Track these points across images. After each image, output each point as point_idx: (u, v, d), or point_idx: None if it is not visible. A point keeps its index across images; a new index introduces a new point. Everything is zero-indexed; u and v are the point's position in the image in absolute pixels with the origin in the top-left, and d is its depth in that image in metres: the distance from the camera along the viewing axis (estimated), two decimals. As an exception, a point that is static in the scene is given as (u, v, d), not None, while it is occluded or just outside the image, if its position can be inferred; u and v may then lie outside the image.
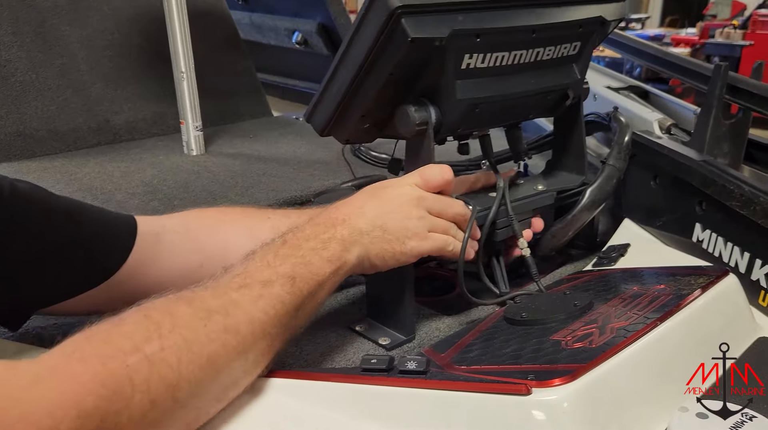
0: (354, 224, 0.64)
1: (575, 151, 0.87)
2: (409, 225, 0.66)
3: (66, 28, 1.61)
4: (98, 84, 1.63)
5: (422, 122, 0.69)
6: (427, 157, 0.70)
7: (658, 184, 0.90)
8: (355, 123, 0.73)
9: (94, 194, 1.21)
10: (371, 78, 0.68)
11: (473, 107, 0.70)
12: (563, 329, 0.63)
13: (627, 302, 0.67)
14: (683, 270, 0.76)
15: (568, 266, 0.93)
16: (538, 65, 0.75)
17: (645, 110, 0.98)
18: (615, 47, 1.08)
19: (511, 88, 0.74)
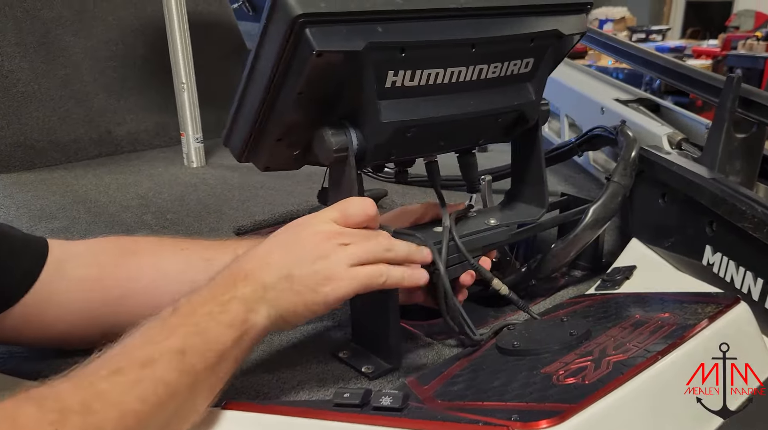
0: (258, 279, 0.55)
1: (534, 181, 0.78)
2: (321, 267, 0.56)
3: (70, 39, 1.60)
4: (101, 95, 1.62)
5: (341, 148, 0.61)
6: (349, 187, 0.62)
7: (667, 202, 0.85)
8: (273, 147, 0.65)
9: (87, 207, 1.18)
10: (281, 98, 0.60)
11: (402, 131, 0.62)
12: (556, 362, 0.58)
13: (627, 331, 0.62)
14: (691, 297, 0.71)
15: (571, 289, 0.88)
16: (483, 84, 0.65)
17: (654, 124, 0.93)
18: (623, 58, 1.03)
19: (448, 110, 0.65)
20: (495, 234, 0.75)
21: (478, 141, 0.75)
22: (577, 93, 1.13)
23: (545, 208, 0.77)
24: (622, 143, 0.90)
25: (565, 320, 0.68)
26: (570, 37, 0.70)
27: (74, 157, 1.54)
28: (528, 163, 0.79)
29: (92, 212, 1.16)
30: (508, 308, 0.84)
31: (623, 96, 1.06)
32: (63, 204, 1.20)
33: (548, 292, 0.87)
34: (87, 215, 1.14)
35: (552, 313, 0.75)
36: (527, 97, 0.71)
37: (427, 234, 0.69)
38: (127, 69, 1.67)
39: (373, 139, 0.62)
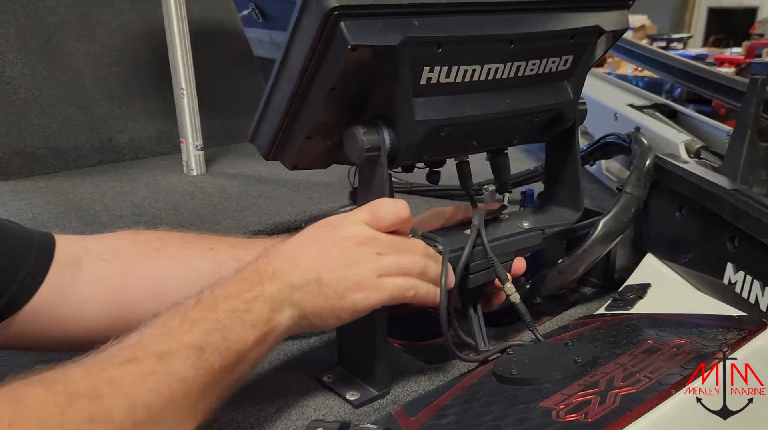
0: (285, 278, 0.53)
1: (569, 183, 0.75)
2: (351, 274, 0.54)
3: (73, 45, 1.57)
4: (103, 101, 1.59)
5: (373, 147, 0.58)
6: (380, 188, 0.59)
7: (684, 215, 0.79)
8: (301, 145, 0.62)
9: (79, 215, 1.15)
10: (312, 93, 0.57)
11: (436, 131, 0.59)
12: (557, 394, 0.52)
13: (639, 359, 0.56)
14: (710, 320, 0.65)
15: (580, 308, 0.82)
16: (520, 82, 0.63)
17: (670, 131, 0.87)
18: (641, 62, 0.97)
19: (485, 109, 0.62)
20: (528, 238, 0.72)
21: (512, 141, 0.71)
22: (589, 98, 1.06)
23: (581, 211, 0.74)
24: (635, 151, 0.84)
25: (569, 344, 0.62)
26: (611, 34, 0.67)
27: (74, 164, 1.51)
28: (563, 164, 0.75)
29: (84, 221, 1.12)
30: (510, 327, 0.78)
31: (638, 102, 1.00)
32: (56, 213, 1.16)
33: (556, 310, 0.81)
34: (78, 224, 1.10)
35: (557, 335, 0.69)
36: (565, 96, 0.68)
37: (455, 237, 0.67)
38: (130, 75, 1.64)
39: (406, 139, 0.59)
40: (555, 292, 0.79)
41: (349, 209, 1.03)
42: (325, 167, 0.70)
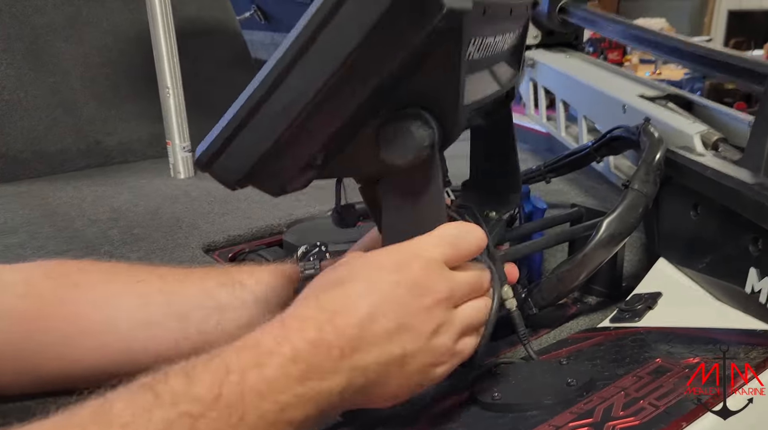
0: (358, 360, 0.40)
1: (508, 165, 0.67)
2: (439, 345, 0.43)
3: (61, 45, 1.52)
4: (91, 103, 1.53)
5: (430, 143, 0.44)
6: (437, 200, 0.47)
7: (700, 214, 0.70)
8: (306, 162, 0.46)
9: (53, 221, 1.09)
10: (352, 84, 0.42)
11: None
12: (544, 424, 0.44)
13: (644, 382, 0.47)
14: (731, 336, 0.55)
15: (582, 319, 0.73)
16: (506, 54, 0.56)
17: (684, 122, 0.77)
18: (649, 48, 0.89)
19: (496, 85, 0.55)
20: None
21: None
22: (594, 90, 0.98)
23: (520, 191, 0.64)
24: (644, 144, 0.75)
25: (564, 362, 0.53)
26: None
27: (60, 168, 1.45)
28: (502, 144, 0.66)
29: (56, 227, 1.06)
30: (503, 341, 0.69)
31: (650, 92, 0.91)
32: (29, 218, 1.10)
33: (555, 323, 0.73)
34: (50, 230, 1.04)
35: (553, 351, 0.60)
36: None
37: None
38: (121, 76, 1.59)
39: (451, 130, 0.46)
40: (554, 301, 0.70)
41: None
42: (303, 187, 0.50)
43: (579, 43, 1.28)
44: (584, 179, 1.12)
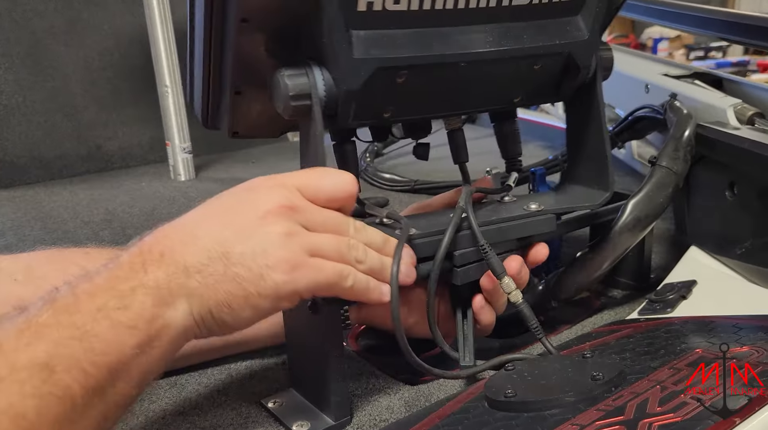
0: (178, 258, 0.39)
1: (592, 157, 0.59)
2: (272, 247, 0.40)
3: (61, 49, 1.48)
4: (92, 107, 1.49)
5: (300, 93, 0.44)
6: (314, 150, 0.45)
7: (738, 194, 0.62)
8: (233, 104, 0.50)
9: (44, 223, 1.04)
10: (226, 29, 0.45)
11: (388, 76, 0.45)
12: (566, 424, 0.37)
13: (683, 375, 0.40)
14: (781, 321, 0.48)
15: (607, 313, 0.66)
16: (507, 13, 0.48)
17: (715, 96, 0.71)
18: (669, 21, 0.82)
19: (453, 48, 0.47)
20: (535, 223, 0.55)
21: (511, 99, 0.56)
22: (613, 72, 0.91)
23: (609, 191, 0.57)
24: (671, 121, 0.68)
25: (588, 356, 0.46)
26: None
27: (59, 174, 1.41)
28: (584, 133, 0.59)
29: (46, 229, 1.01)
30: (519, 339, 0.62)
31: (674, 71, 0.84)
32: (20, 221, 1.06)
33: (576, 318, 0.65)
34: (40, 232, 1.00)
35: (575, 346, 0.53)
36: (576, 34, 0.52)
37: (438, 221, 0.52)
38: (122, 80, 1.54)
39: (344, 84, 0.45)
40: (575, 294, 0.63)
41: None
42: (276, 135, 0.58)
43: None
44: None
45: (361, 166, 1.23)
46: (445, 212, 0.55)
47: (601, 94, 0.58)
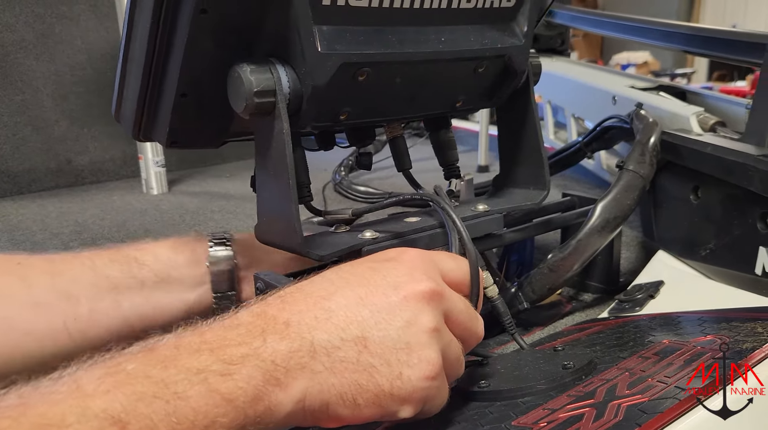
0: (304, 334, 0.34)
1: (529, 159, 0.60)
2: (416, 343, 0.35)
3: (31, 63, 1.47)
4: (62, 122, 1.47)
5: (264, 90, 0.42)
6: (279, 152, 0.44)
7: (701, 197, 0.64)
8: (176, 109, 0.46)
9: (11, 235, 1.02)
10: (177, 25, 0.43)
11: (350, 73, 0.45)
12: (538, 408, 0.37)
13: (651, 362, 0.41)
14: (743, 313, 0.49)
15: (578, 315, 0.67)
16: (455, 16, 0.49)
17: (679, 105, 0.73)
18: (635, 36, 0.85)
19: (413, 46, 0.48)
20: (485, 223, 0.56)
21: (454, 103, 0.56)
22: (581, 85, 0.94)
23: (547, 189, 0.58)
24: (637, 128, 0.70)
25: (559, 349, 0.47)
26: None
27: (27, 188, 1.39)
28: (520, 136, 0.60)
29: (14, 241, 0.99)
30: (493, 341, 0.63)
31: (640, 84, 0.86)
32: (-13, 233, 1.03)
33: (548, 320, 0.66)
34: (8, 244, 0.98)
35: (547, 343, 0.54)
36: (513, 39, 0.54)
37: (393, 226, 0.52)
38: (94, 95, 1.53)
39: (310, 79, 0.44)
40: (546, 294, 0.64)
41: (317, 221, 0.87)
42: (216, 146, 0.54)
43: (565, 48, 1.24)
44: (567, 181, 1.07)
45: (336, 179, 1.24)
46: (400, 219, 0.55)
47: (533, 99, 0.60)
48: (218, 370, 0.31)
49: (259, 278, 0.48)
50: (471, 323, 0.40)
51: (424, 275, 0.37)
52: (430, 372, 0.35)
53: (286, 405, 0.33)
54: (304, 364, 0.33)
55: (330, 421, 0.35)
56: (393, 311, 0.35)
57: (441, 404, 0.38)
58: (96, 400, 0.28)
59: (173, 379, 0.30)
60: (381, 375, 0.34)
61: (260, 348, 0.32)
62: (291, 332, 0.34)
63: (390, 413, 0.36)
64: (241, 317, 0.35)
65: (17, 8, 1.46)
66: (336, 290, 0.36)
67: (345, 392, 0.34)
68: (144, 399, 0.29)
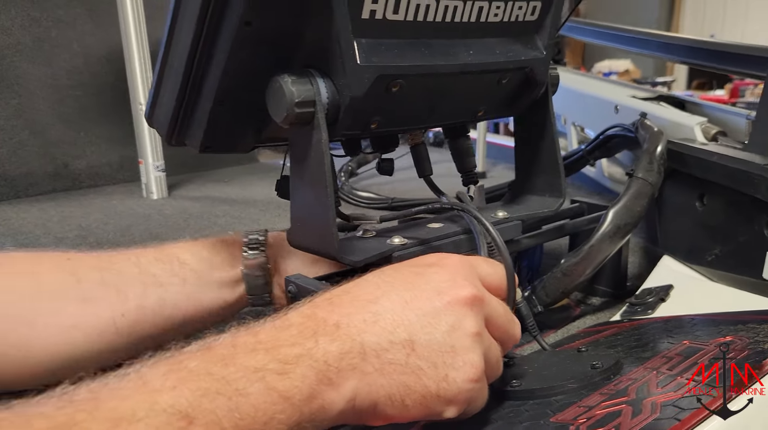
0: (354, 336, 0.35)
1: (546, 167, 0.62)
2: (461, 347, 0.37)
3: (27, 66, 1.46)
4: (59, 125, 1.47)
5: (305, 100, 0.44)
6: (317, 161, 0.45)
7: (707, 204, 0.67)
8: (212, 115, 0.48)
9: (16, 239, 1.01)
10: (220, 35, 0.44)
11: (384, 85, 0.47)
12: (573, 405, 0.39)
13: (675, 362, 0.43)
14: (758, 316, 0.52)
15: (589, 318, 0.69)
16: (482, 30, 0.51)
17: (683, 115, 0.76)
18: (638, 48, 0.88)
19: (442, 59, 0.49)
20: (506, 229, 0.58)
21: (476, 113, 0.58)
22: (583, 95, 0.96)
23: (563, 197, 0.60)
24: (643, 138, 0.73)
25: (583, 350, 0.48)
26: None
27: (25, 192, 1.38)
28: (537, 144, 0.62)
29: (19, 243, 0.99)
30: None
31: (641, 94, 0.89)
32: (-10, 237, 1.03)
33: (560, 323, 0.68)
34: (11, 247, 0.97)
35: (566, 345, 0.55)
36: (535, 52, 0.56)
37: (417, 231, 0.54)
38: (91, 99, 1.53)
39: (348, 90, 0.45)
40: (559, 298, 0.66)
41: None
42: (247, 151, 0.56)
43: (561, 57, 1.27)
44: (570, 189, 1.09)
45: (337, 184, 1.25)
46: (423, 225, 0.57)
47: (552, 109, 0.62)
48: (275, 369, 0.32)
49: (290, 282, 0.50)
50: (509, 326, 0.41)
51: (466, 281, 0.39)
52: (474, 375, 0.37)
53: (338, 404, 0.34)
54: (354, 365, 0.35)
55: (377, 420, 0.37)
56: (438, 315, 0.37)
57: (482, 405, 0.40)
58: (163, 395, 0.29)
59: (233, 376, 0.31)
60: (428, 377, 0.36)
61: (313, 349, 0.34)
62: (341, 334, 0.35)
63: (435, 413, 0.37)
64: (291, 318, 0.36)
65: (13, 11, 1.46)
66: (382, 294, 0.38)
67: (393, 393, 0.36)
68: (208, 395, 0.30)
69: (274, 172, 1.65)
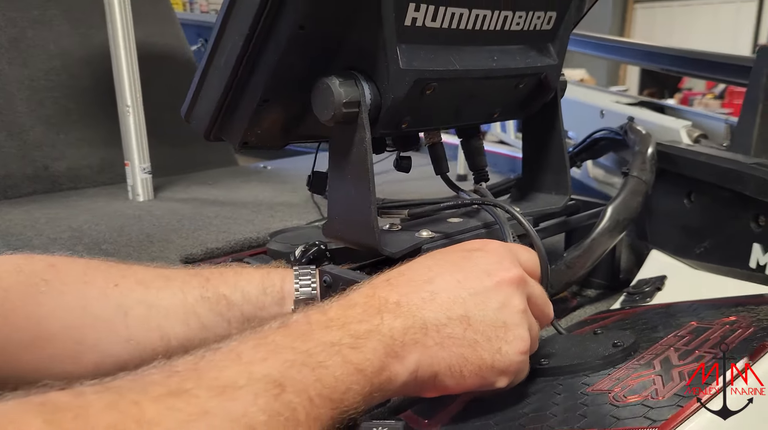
0: (415, 311, 0.39)
1: (553, 165, 0.67)
2: (511, 322, 0.40)
3: (3, 67, 1.45)
4: (38, 127, 1.45)
5: (351, 101, 0.48)
6: (360, 159, 0.49)
7: (695, 201, 0.72)
8: (254, 114, 0.51)
9: (7, 241, 1.01)
10: (274, 36, 0.47)
11: (421, 87, 0.50)
12: (604, 379, 0.43)
13: (690, 339, 0.47)
14: (753, 299, 0.57)
15: (588, 308, 0.73)
16: (506, 38, 0.56)
17: (667, 119, 0.81)
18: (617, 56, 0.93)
19: (471, 64, 0.54)
20: (515, 226, 0.62)
21: (492, 114, 0.63)
22: (568, 100, 1.01)
23: (568, 194, 0.64)
24: (633, 141, 0.78)
25: (599, 332, 0.52)
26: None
27: (4, 194, 1.36)
28: (546, 144, 0.67)
29: (13, 247, 0.98)
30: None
31: (624, 99, 0.95)
32: (-22, 239, 1.02)
33: (561, 313, 0.72)
34: (4, 250, 0.96)
35: (578, 329, 0.59)
36: (550, 59, 0.61)
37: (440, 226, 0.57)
38: (70, 101, 1.52)
39: (389, 92, 0.49)
40: (563, 289, 0.70)
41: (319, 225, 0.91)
42: (281, 146, 0.59)
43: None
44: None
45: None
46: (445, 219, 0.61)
47: (560, 111, 0.67)
48: (349, 343, 0.36)
49: (325, 272, 0.52)
50: (545, 306, 0.45)
51: (510, 264, 0.42)
52: (523, 347, 0.41)
53: (402, 375, 0.38)
54: (417, 339, 0.38)
55: (435, 390, 0.41)
56: (488, 293, 0.41)
57: (524, 377, 0.43)
58: (257, 366, 0.33)
59: (314, 350, 0.35)
60: (484, 349, 0.40)
61: (380, 325, 0.37)
62: (403, 311, 0.39)
63: (489, 383, 0.41)
64: (354, 298, 0.40)
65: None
66: (435, 275, 0.41)
67: (453, 365, 0.39)
68: (294, 366, 0.33)
69: (256, 175, 1.66)
